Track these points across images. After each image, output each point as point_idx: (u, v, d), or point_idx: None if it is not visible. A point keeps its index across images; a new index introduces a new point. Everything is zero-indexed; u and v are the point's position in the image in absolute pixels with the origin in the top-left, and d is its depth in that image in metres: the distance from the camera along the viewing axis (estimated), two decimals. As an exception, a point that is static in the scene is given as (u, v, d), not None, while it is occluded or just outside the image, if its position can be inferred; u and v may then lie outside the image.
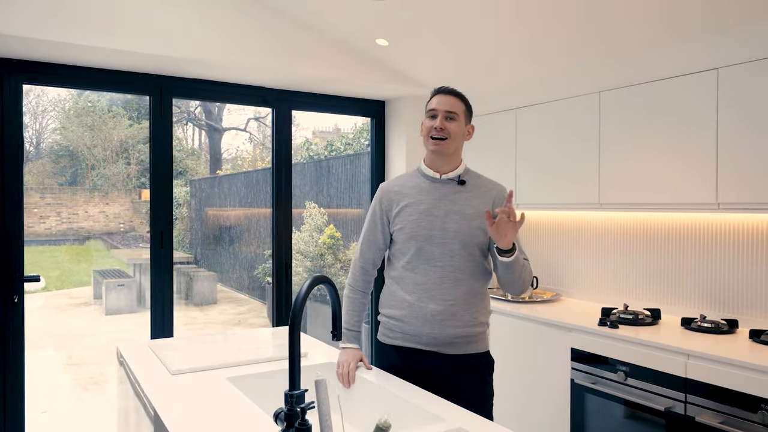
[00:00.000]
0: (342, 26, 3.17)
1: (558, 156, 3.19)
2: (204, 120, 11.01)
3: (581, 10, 2.52)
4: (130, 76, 3.25)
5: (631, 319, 2.74)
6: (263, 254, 7.04)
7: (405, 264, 1.92)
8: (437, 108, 1.90)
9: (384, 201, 1.99)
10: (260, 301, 7.66)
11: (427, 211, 1.90)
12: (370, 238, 2.01)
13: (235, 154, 10.53)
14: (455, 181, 1.94)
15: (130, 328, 6.73)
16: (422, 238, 1.88)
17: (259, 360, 2.04)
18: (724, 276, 2.72)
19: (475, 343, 1.91)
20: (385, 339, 2.00)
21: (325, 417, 0.96)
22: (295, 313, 1.27)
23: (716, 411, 2.18)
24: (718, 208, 2.46)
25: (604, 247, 3.28)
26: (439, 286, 1.87)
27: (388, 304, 1.97)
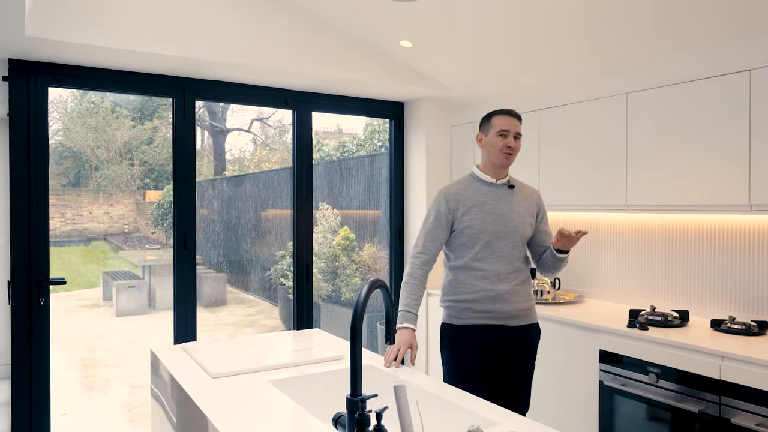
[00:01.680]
0: (366, 28, 3.17)
1: (584, 157, 3.19)
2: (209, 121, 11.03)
3: (607, 13, 2.52)
4: (154, 78, 3.25)
5: (660, 321, 2.73)
6: (275, 255, 7.05)
7: (474, 255, 2.25)
8: (509, 129, 2.26)
9: (451, 202, 2.29)
10: (270, 303, 7.66)
11: (491, 211, 2.27)
12: (434, 234, 2.29)
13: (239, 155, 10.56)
14: (506, 185, 2.33)
15: (142, 329, 6.73)
16: (490, 234, 2.24)
17: (298, 363, 2.04)
18: (753, 277, 2.71)
19: (531, 315, 2.33)
20: (456, 321, 2.28)
21: (406, 422, 0.96)
22: (356, 318, 1.27)
23: (752, 413, 2.18)
24: (751, 209, 2.46)
25: (629, 249, 3.27)
26: (505, 271, 2.24)
27: (458, 291, 2.27)
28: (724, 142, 2.55)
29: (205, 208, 8.03)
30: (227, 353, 2.15)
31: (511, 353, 2.27)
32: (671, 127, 2.76)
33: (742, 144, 2.49)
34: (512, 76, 3.42)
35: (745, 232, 2.75)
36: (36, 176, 2.97)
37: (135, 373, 5.30)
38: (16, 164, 2.93)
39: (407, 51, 3.35)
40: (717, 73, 2.58)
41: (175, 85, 3.31)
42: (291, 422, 1.48)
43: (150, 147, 7.08)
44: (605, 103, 3.06)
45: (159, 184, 7.10)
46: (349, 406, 1.26)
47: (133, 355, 6.00)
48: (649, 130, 2.86)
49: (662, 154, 2.80)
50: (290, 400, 1.67)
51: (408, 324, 2.12)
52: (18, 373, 2.94)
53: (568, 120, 3.28)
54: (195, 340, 3.51)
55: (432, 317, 3.51)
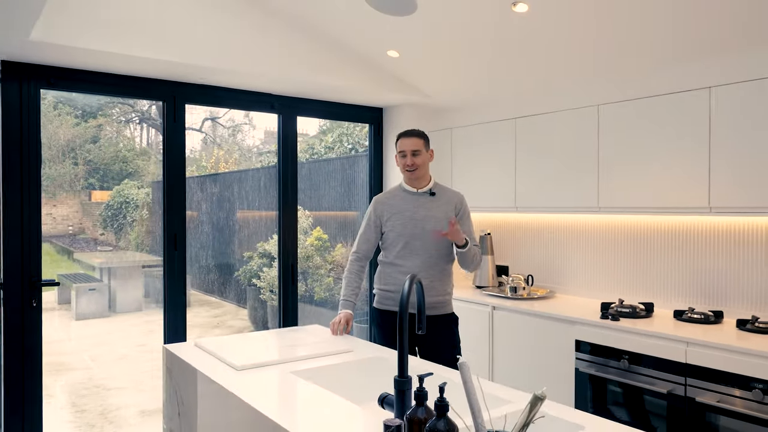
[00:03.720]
0: (355, 37, 3.32)
1: (558, 163, 3.45)
2: (160, 120, 10.83)
3: (580, 30, 2.77)
4: (145, 82, 3.30)
5: (628, 312, 3.01)
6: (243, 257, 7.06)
7: (396, 254, 2.66)
8: (405, 149, 2.66)
9: (378, 210, 2.74)
10: (235, 304, 7.65)
11: (410, 217, 2.66)
12: (365, 236, 2.76)
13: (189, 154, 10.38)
14: (428, 193, 2.71)
15: (108, 332, 6.62)
16: (408, 236, 2.64)
17: (315, 355, 2.18)
18: (711, 272, 3.03)
19: (445, 306, 2.69)
20: (380, 306, 2.73)
21: (471, 394, 1.13)
22: (402, 308, 1.43)
23: (714, 391, 2.47)
24: (710, 211, 2.76)
25: (599, 247, 3.56)
26: (421, 268, 2.63)
27: (384, 282, 2.71)
28: (687, 150, 2.85)
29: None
30: (243, 348, 2.26)
31: (429, 338, 2.57)
32: (640, 136, 3.05)
33: (702, 153, 2.79)
34: (490, 85, 3.65)
35: (705, 232, 3.06)
36: (29, 177, 2.98)
37: (109, 377, 5.25)
38: (8, 166, 2.93)
39: (393, 60, 3.52)
40: (681, 89, 2.88)
41: (166, 89, 3.36)
42: (334, 405, 1.63)
43: (95, 146, 6.92)
44: (578, 114, 3.33)
45: (105, 184, 6.93)
46: (398, 386, 1.43)
47: (102, 358, 5.92)
48: (619, 139, 3.14)
49: (631, 161, 3.09)
50: (321, 388, 1.81)
51: (346, 309, 2.64)
52: (9, 374, 2.94)
53: (543, 128, 3.53)
54: (185, 341, 3.57)
55: (498, 328, 3.61)
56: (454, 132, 4.14)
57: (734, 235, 2.95)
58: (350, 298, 2.69)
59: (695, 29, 2.58)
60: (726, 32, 2.55)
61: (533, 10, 2.65)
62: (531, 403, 1.05)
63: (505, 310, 3.42)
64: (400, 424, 1.27)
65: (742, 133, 2.65)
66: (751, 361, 2.36)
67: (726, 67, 2.73)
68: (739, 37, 2.58)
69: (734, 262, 2.94)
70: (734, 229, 2.95)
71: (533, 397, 1.04)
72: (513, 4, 2.63)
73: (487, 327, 3.52)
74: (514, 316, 3.37)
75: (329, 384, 2.05)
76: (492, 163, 3.85)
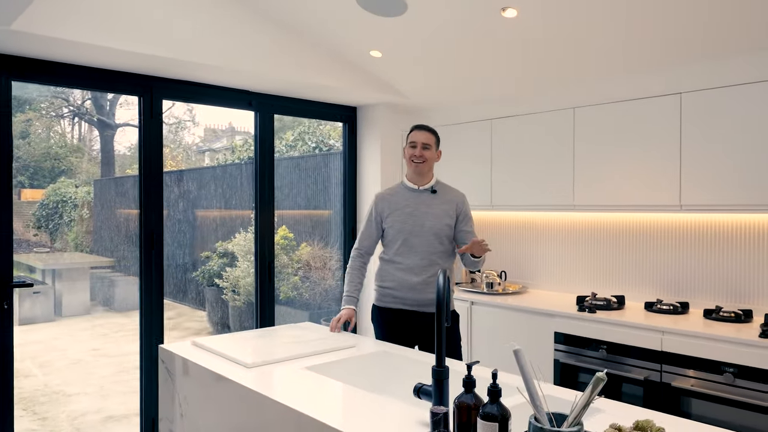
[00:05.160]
0: (338, 36, 3.35)
1: (535, 162, 3.59)
2: (96, 115, 10.39)
3: (557, 35, 2.91)
4: (121, 75, 3.20)
5: (602, 305, 3.18)
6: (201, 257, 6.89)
7: (396, 250, 2.66)
8: (417, 141, 2.66)
9: (379, 206, 2.73)
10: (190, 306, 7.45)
11: (410, 214, 2.66)
12: (366, 232, 2.76)
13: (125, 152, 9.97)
14: (429, 190, 2.70)
15: (55, 337, 6.32)
16: (407, 233, 2.64)
17: (321, 351, 2.20)
18: (679, 266, 3.24)
19: None
20: (380, 303, 2.72)
21: (528, 378, 1.19)
22: (440, 301, 1.48)
23: (688, 376, 2.65)
24: (681, 209, 2.96)
25: (572, 243, 3.73)
26: (420, 265, 2.61)
27: (383, 279, 2.70)
28: (660, 152, 3.04)
29: (126, 208, 7.66)
30: (245, 346, 2.25)
31: (429, 336, 2.62)
32: (614, 138, 3.22)
33: (674, 154, 2.98)
34: (470, 87, 3.75)
35: (675, 228, 3.27)
36: None
37: (65, 383, 5.03)
38: (-21, 162, 2.79)
39: (374, 60, 3.56)
40: (653, 94, 3.07)
41: (143, 83, 3.27)
42: (363, 399, 1.66)
43: (24, 142, 6.62)
44: (554, 116, 3.48)
45: (36, 183, 6.63)
46: (436, 375, 1.48)
47: (54, 364, 5.66)
48: (594, 140, 3.30)
49: (605, 161, 3.26)
50: (340, 382, 1.84)
51: (348, 305, 2.65)
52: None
53: (520, 129, 3.66)
54: (162, 342, 3.49)
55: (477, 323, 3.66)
56: (428, 132, 4.22)
57: (701, 231, 3.16)
58: (353, 293, 2.68)
59: (668, 39, 2.76)
60: (697, 42, 2.75)
61: (522, 15, 2.76)
62: (593, 384, 1.12)
63: (484, 305, 3.53)
64: (446, 411, 1.32)
65: (710, 136, 2.86)
66: (721, 347, 2.55)
67: (696, 74, 2.93)
68: (708, 47, 2.77)
69: (699, 256, 3.16)
70: (701, 226, 3.16)
71: (595, 379, 1.11)
72: (502, 9, 2.73)
73: (466, 322, 3.62)
74: (493, 311, 3.48)
75: (345, 378, 2.07)
76: (468, 162, 3.96)
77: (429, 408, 1.89)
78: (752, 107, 2.73)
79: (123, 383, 4.78)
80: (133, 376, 4.60)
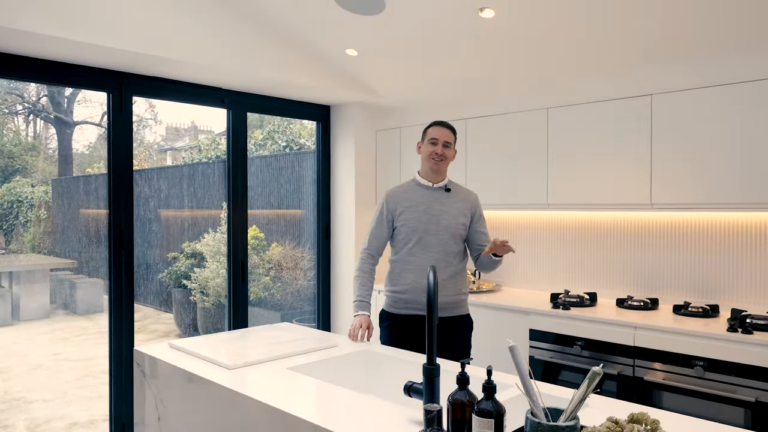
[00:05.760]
0: (314, 34, 3.32)
1: (509, 162, 3.63)
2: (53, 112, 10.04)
3: (530, 37, 2.96)
4: (89, 71, 3.10)
5: (575, 302, 3.24)
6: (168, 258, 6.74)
7: (408, 250, 2.51)
8: (438, 138, 2.53)
9: (391, 203, 2.58)
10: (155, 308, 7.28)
11: (425, 211, 2.53)
12: (377, 231, 2.59)
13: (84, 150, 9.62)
14: (443, 188, 2.59)
15: (13, 342, 6.09)
16: (422, 231, 2.51)
17: (303, 352, 2.17)
18: (649, 263, 3.33)
19: (460, 307, 2.57)
20: (391, 309, 2.57)
21: (525, 377, 1.20)
22: (431, 298, 1.48)
23: (659, 370, 2.72)
24: (652, 207, 3.04)
25: (545, 242, 3.78)
26: (436, 265, 2.47)
27: (394, 283, 2.55)
28: (631, 152, 3.11)
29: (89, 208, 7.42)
30: (224, 348, 2.21)
31: (444, 342, 2.50)
32: (587, 138, 3.28)
33: (645, 154, 3.06)
34: (446, 87, 3.76)
35: (646, 226, 3.35)
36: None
37: (26, 389, 4.85)
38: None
39: (349, 58, 3.54)
40: (625, 95, 3.15)
41: (112, 79, 3.18)
42: (351, 399, 1.64)
43: None
44: (528, 116, 3.53)
45: None
46: (427, 373, 1.47)
47: (13, 369, 5.46)
48: (568, 140, 3.36)
49: (579, 161, 3.32)
50: (325, 382, 1.82)
51: (363, 311, 2.45)
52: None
53: (494, 129, 3.70)
54: (133, 344, 3.40)
55: None
56: (403, 131, 4.22)
57: (670, 230, 3.25)
58: (366, 298, 2.50)
59: (640, 41, 2.83)
60: (668, 45, 2.82)
61: (499, 16, 2.79)
62: (589, 378, 1.13)
63: (460, 304, 3.55)
64: (440, 409, 1.32)
65: (680, 137, 2.94)
66: (691, 341, 2.63)
67: (667, 77, 3.02)
68: (679, 50, 2.85)
69: (669, 253, 3.25)
70: (670, 224, 3.25)
71: (591, 373, 1.12)
72: (480, 10, 2.75)
73: (441, 320, 3.63)
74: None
75: (328, 378, 2.05)
76: (441, 161, 3.97)
77: (417, 407, 1.89)
78: (721, 109, 2.82)
79: (88, 388, 4.65)
80: (100, 380, 4.46)
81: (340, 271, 4.40)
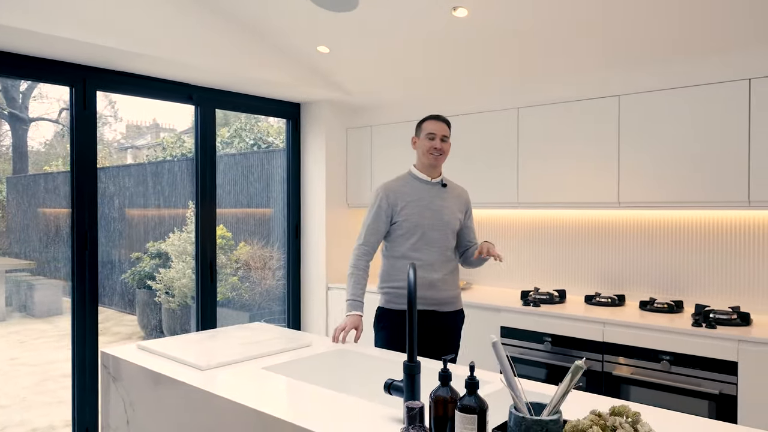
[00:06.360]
0: (285, 30, 3.28)
1: (479, 161, 3.65)
2: (7, 108, 9.68)
3: (503, 38, 2.99)
4: (51, 64, 3.00)
5: (545, 299, 3.29)
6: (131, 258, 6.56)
7: (411, 246, 2.46)
8: (436, 132, 2.50)
9: (391, 197, 2.50)
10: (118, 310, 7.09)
11: (427, 206, 2.50)
12: (375, 227, 2.50)
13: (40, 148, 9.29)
14: (440, 183, 2.57)
15: (-37, 346, 5.84)
16: (426, 226, 2.47)
17: (277, 351, 2.14)
18: (616, 261, 3.40)
19: (458, 302, 2.60)
20: (392, 306, 2.50)
21: (508, 372, 1.20)
22: (411, 295, 1.48)
23: (627, 365, 2.78)
24: (619, 206, 3.10)
25: (515, 240, 3.82)
26: (439, 261, 2.48)
27: (395, 278, 2.49)
28: (599, 151, 3.18)
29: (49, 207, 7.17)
30: (195, 348, 2.16)
31: (441, 337, 2.50)
32: (556, 138, 3.33)
33: (612, 153, 3.12)
34: (418, 86, 3.77)
35: (614, 225, 3.42)
36: None
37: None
38: None
39: (320, 56, 3.51)
40: (593, 95, 3.21)
41: (75, 73, 3.08)
42: (327, 397, 1.62)
43: None
44: (498, 115, 3.56)
45: None
46: (408, 370, 1.47)
47: (-32, 374, 5.24)
48: (538, 139, 3.41)
49: (548, 160, 3.36)
50: (301, 382, 1.80)
51: (356, 311, 2.38)
52: None
53: (464, 128, 3.72)
54: (98, 347, 3.30)
55: None
56: (374, 129, 4.22)
57: (636, 228, 3.33)
58: (360, 297, 2.42)
59: (608, 43, 2.89)
60: (636, 46, 2.89)
61: (472, 15, 2.81)
62: (572, 372, 1.14)
63: (431, 302, 3.56)
64: (423, 405, 1.32)
65: (646, 137, 3.02)
66: (657, 336, 2.69)
67: (633, 78, 3.08)
68: (647, 51, 2.92)
69: (635, 251, 3.33)
70: (637, 222, 3.33)
71: (574, 367, 1.13)
72: (453, 9, 2.76)
73: (413, 319, 3.63)
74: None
75: (304, 378, 2.03)
76: (412, 161, 3.97)
77: (396, 405, 1.88)
78: (686, 110, 2.90)
79: (48, 393, 4.49)
80: (61, 384, 4.32)
81: (311, 271, 4.37)
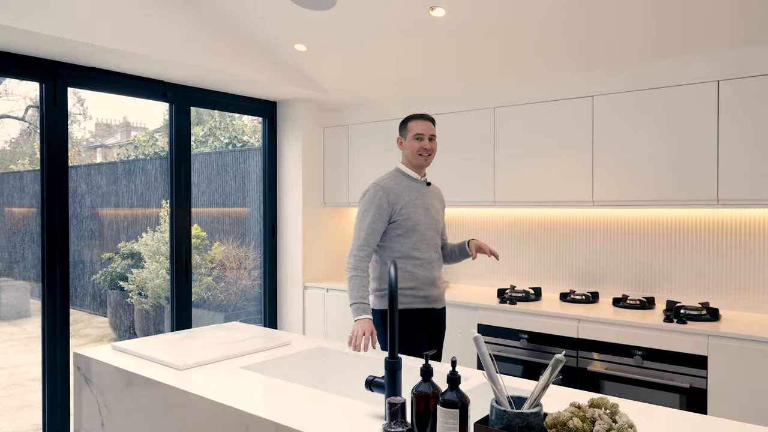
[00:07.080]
0: (262, 28, 3.25)
1: (457, 160, 3.68)
2: None
3: (478, 38, 3.02)
4: (20, 59, 2.93)
5: (521, 297, 3.33)
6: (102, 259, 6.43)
7: (412, 245, 2.44)
8: (424, 132, 2.48)
9: (390, 196, 2.45)
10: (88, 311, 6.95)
11: (422, 205, 2.50)
12: (374, 227, 2.42)
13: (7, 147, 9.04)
14: (425, 183, 2.57)
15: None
16: (426, 225, 2.49)
17: (256, 350, 2.12)
18: (590, 259, 3.45)
19: (444, 298, 2.65)
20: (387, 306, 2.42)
21: (489, 366, 1.21)
22: (393, 292, 1.48)
23: (601, 360, 2.84)
24: (593, 204, 3.16)
25: (492, 239, 3.86)
26: (435, 259, 2.51)
27: (399, 279, 2.44)
28: (574, 151, 3.23)
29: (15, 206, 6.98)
30: (172, 348, 2.13)
31: (437, 333, 2.53)
32: (532, 137, 3.38)
33: (586, 153, 3.18)
34: (395, 85, 3.78)
35: (587, 223, 3.48)
36: None
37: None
38: None
39: (297, 54, 3.50)
40: (568, 96, 3.26)
41: (45, 68, 3.01)
42: (307, 395, 1.62)
43: None
44: (475, 115, 3.59)
45: None
46: (389, 367, 1.47)
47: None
48: (514, 139, 3.45)
49: (524, 159, 3.41)
50: (281, 380, 1.79)
51: (365, 315, 2.27)
52: None
53: (442, 127, 3.74)
54: (69, 349, 3.23)
55: None
56: (351, 128, 4.21)
57: (610, 226, 3.39)
58: (366, 300, 2.33)
59: (583, 44, 2.94)
60: (610, 47, 2.94)
61: (449, 15, 2.82)
62: (552, 366, 1.16)
63: (409, 300, 3.57)
64: (404, 401, 1.32)
65: (619, 137, 3.07)
66: (631, 332, 2.75)
67: (607, 78, 3.14)
68: (621, 52, 2.98)
69: (608, 249, 3.39)
70: (610, 221, 3.39)
71: (554, 360, 1.15)
72: (431, 8, 2.77)
73: (390, 317, 3.64)
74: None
75: (283, 376, 2.02)
76: (390, 159, 3.99)
77: (377, 402, 1.89)
78: (658, 111, 2.97)
79: (16, 397, 4.38)
80: (29, 388, 4.22)
81: (287, 270, 4.34)
